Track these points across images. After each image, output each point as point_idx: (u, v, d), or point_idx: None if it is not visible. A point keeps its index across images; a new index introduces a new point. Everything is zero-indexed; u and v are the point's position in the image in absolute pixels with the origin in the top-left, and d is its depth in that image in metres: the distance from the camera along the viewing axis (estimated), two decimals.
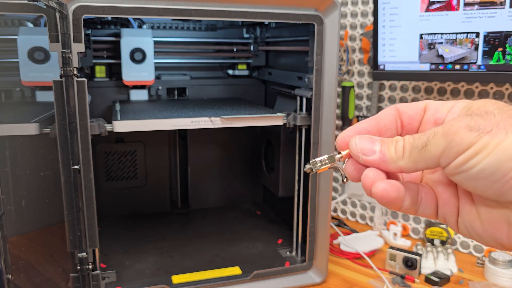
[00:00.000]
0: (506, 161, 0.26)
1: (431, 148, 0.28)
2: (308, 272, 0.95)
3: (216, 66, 1.29)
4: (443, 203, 0.32)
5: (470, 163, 0.27)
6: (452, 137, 0.27)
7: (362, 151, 0.32)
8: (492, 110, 0.28)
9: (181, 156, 1.28)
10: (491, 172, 0.26)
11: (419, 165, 0.29)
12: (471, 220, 0.30)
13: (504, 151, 0.26)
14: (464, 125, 0.27)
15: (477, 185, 0.27)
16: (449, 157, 0.27)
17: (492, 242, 0.29)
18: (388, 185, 0.30)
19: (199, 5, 0.76)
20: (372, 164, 0.31)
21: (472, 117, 0.28)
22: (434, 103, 0.34)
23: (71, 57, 0.70)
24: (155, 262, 0.97)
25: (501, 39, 0.91)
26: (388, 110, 0.34)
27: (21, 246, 1.00)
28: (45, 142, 0.83)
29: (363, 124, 0.34)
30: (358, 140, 0.32)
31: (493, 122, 0.27)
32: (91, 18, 1.09)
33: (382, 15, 1.03)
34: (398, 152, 0.30)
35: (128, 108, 1.00)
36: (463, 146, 0.27)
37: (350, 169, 0.33)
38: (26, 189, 1.05)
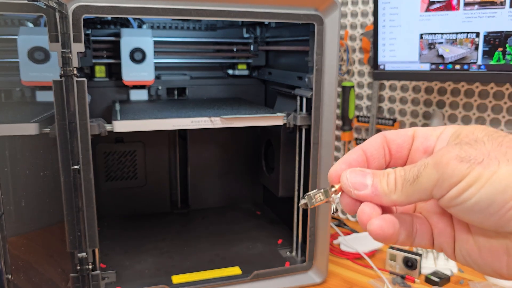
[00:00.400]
0: (501, 193, 0.25)
1: (423, 181, 0.28)
2: (308, 272, 0.95)
3: (216, 66, 1.29)
4: (438, 232, 0.32)
5: (464, 196, 0.26)
6: (444, 168, 0.27)
7: (353, 185, 0.31)
8: (481, 137, 0.28)
9: (181, 156, 1.28)
10: (487, 204, 0.26)
11: (412, 198, 0.29)
12: (468, 249, 0.30)
13: (499, 183, 0.25)
14: (455, 156, 0.27)
15: (474, 217, 0.27)
16: (442, 189, 0.27)
17: (491, 271, 0.29)
18: (383, 222, 0.30)
19: (199, 5, 0.76)
20: (365, 199, 0.31)
21: (461, 147, 0.27)
22: (422, 130, 0.33)
23: (71, 57, 0.70)
24: (155, 262, 0.97)
25: (501, 39, 0.91)
26: (375, 138, 0.34)
27: (20, 246, 1.00)
28: (45, 142, 0.83)
29: (353, 155, 0.33)
30: (349, 174, 0.32)
31: (483, 151, 0.26)
32: (91, 18, 1.09)
33: (382, 15, 1.03)
34: (390, 185, 0.30)
35: (128, 108, 0.99)
36: (456, 178, 0.26)
37: (344, 203, 0.33)
38: (26, 189, 1.05)
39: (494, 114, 1.08)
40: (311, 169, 0.90)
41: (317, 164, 0.89)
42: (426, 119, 1.20)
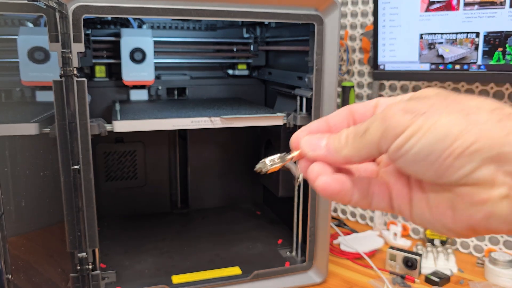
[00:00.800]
0: (440, 141, 0.26)
1: (371, 133, 0.29)
2: (308, 272, 0.95)
3: (216, 66, 1.29)
4: (396, 194, 0.32)
5: (406, 146, 0.27)
6: (389, 120, 0.27)
7: (309, 146, 0.33)
8: (430, 95, 0.29)
9: (181, 156, 1.28)
10: (427, 153, 0.26)
11: (362, 152, 0.30)
12: (422, 208, 0.30)
13: (438, 132, 0.26)
14: (400, 108, 0.27)
15: (416, 168, 0.28)
16: (387, 140, 0.28)
17: (441, 228, 0.30)
18: (330, 178, 0.31)
19: (199, 5, 0.76)
20: (319, 158, 0.32)
21: (409, 102, 0.28)
22: (384, 99, 0.34)
23: (71, 57, 0.70)
24: (155, 262, 0.97)
25: (501, 39, 0.91)
26: (340, 110, 0.35)
27: (20, 246, 1.00)
28: (45, 142, 0.83)
29: (314, 123, 0.35)
30: (308, 137, 0.33)
31: (427, 104, 0.27)
32: (91, 18, 1.09)
33: (382, 15, 1.03)
34: (342, 141, 0.31)
35: (128, 108, 0.99)
36: (399, 128, 0.27)
37: (302, 168, 0.34)
38: (26, 189, 1.05)
39: None
40: None
41: None
42: None
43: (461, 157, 0.25)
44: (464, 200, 0.27)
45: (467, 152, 0.25)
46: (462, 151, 0.25)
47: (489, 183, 0.26)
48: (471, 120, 0.26)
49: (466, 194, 0.27)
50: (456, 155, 0.26)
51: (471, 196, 0.26)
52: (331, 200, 0.32)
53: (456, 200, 0.28)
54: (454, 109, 0.27)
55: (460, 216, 0.28)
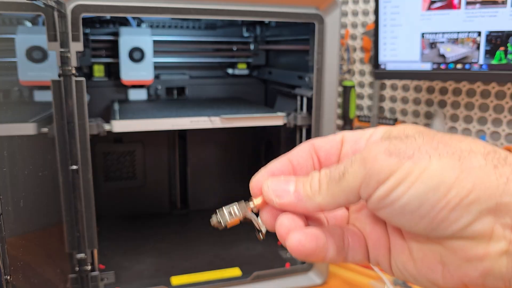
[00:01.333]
0: (433, 191, 0.23)
1: (349, 178, 0.25)
2: (309, 273, 0.94)
3: (215, 66, 1.28)
4: (372, 244, 0.29)
5: (393, 195, 0.24)
6: (371, 164, 0.24)
7: (275, 193, 0.28)
8: (412, 134, 0.26)
9: (180, 156, 1.27)
10: (418, 205, 0.23)
11: (339, 199, 0.26)
12: (403, 261, 0.27)
13: (430, 180, 0.23)
14: (383, 150, 0.24)
15: (404, 220, 0.24)
16: (369, 187, 0.24)
17: (428, 284, 0.26)
18: (303, 236, 0.27)
19: (199, 4, 0.76)
20: (288, 207, 0.28)
21: (391, 141, 0.25)
22: (351, 134, 0.31)
23: (70, 57, 0.69)
24: (154, 263, 0.97)
25: (503, 38, 0.90)
26: (302, 146, 0.31)
27: (19, 247, 0.99)
28: (43, 142, 0.82)
29: (276, 164, 0.31)
30: (271, 182, 0.29)
31: (414, 146, 0.24)
32: (89, 17, 1.08)
33: (383, 14, 1.02)
34: (314, 187, 0.27)
35: (127, 108, 0.99)
36: (383, 174, 0.24)
37: (266, 217, 0.30)
38: (24, 189, 1.04)
39: (496, 113, 1.07)
40: None
41: None
42: (427, 119, 1.19)
43: (457, 209, 0.23)
44: (457, 255, 0.24)
45: (463, 203, 0.22)
46: (458, 202, 0.23)
47: (487, 237, 0.23)
48: (465, 165, 0.23)
49: (460, 249, 0.24)
50: (451, 206, 0.23)
51: (466, 251, 0.24)
52: (305, 260, 0.28)
53: (448, 255, 0.25)
54: (444, 152, 0.24)
55: (452, 272, 0.25)
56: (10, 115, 0.85)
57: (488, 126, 1.08)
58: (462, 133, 1.12)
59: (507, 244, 0.23)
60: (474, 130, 1.10)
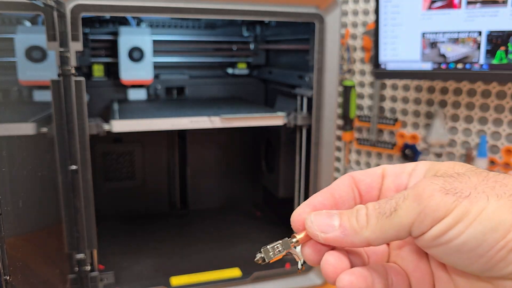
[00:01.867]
0: (491, 231, 0.23)
1: (401, 214, 0.25)
2: (309, 274, 0.94)
3: (215, 65, 1.28)
4: (416, 282, 0.29)
5: (450, 234, 0.23)
6: (427, 201, 0.24)
7: (319, 228, 0.28)
8: (463, 172, 0.25)
9: (180, 157, 1.27)
10: (476, 245, 0.23)
11: (388, 234, 0.26)
12: None
13: (489, 220, 0.23)
14: (439, 188, 0.24)
15: (458, 259, 0.24)
16: (423, 225, 0.24)
17: None
18: (354, 277, 0.27)
19: (198, 3, 0.75)
20: (334, 242, 0.28)
21: (445, 179, 0.24)
22: (392, 168, 0.30)
23: (69, 56, 0.69)
24: (154, 264, 0.96)
25: (504, 38, 0.90)
26: (342, 179, 0.31)
27: (18, 247, 0.99)
28: (42, 142, 0.82)
29: (318, 197, 0.30)
30: (314, 216, 0.28)
31: (469, 185, 0.24)
32: (89, 17, 1.08)
33: (383, 13, 1.02)
34: (361, 221, 0.27)
35: (126, 108, 0.99)
36: (440, 212, 0.23)
37: (308, 252, 0.29)
38: (24, 189, 1.04)
39: (497, 113, 1.07)
40: (311, 169, 0.89)
41: (317, 164, 0.88)
42: (428, 119, 1.19)
43: (506, 250, 0.23)
44: None
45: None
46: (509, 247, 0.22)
47: None
48: None
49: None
50: (510, 248, 0.23)
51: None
52: None
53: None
54: (502, 192, 0.23)
55: None
56: (9, 115, 0.84)
57: (488, 126, 1.08)
58: (462, 133, 1.12)
59: None
60: (475, 130, 1.10)
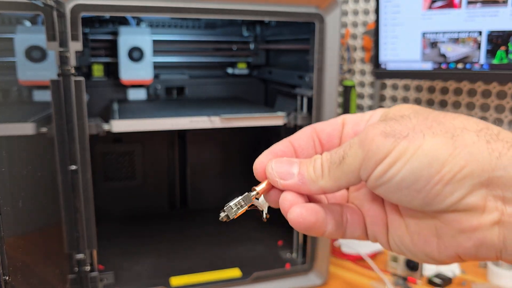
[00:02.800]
0: (426, 167, 0.24)
1: (349, 161, 0.26)
2: (309, 274, 0.94)
3: (215, 65, 1.27)
4: (370, 221, 0.30)
5: (390, 173, 0.25)
6: (369, 146, 0.25)
7: (279, 175, 0.30)
8: (408, 114, 0.27)
9: (180, 156, 1.27)
10: (413, 180, 0.24)
11: (341, 181, 0.27)
12: (400, 235, 0.28)
13: (424, 157, 0.24)
14: (380, 132, 0.25)
15: (401, 196, 0.26)
16: (368, 168, 0.26)
17: (424, 257, 0.28)
18: (304, 209, 0.28)
19: (198, 3, 0.75)
20: (292, 188, 0.29)
21: (387, 123, 0.26)
22: (351, 116, 0.32)
23: (69, 56, 0.69)
24: (154, 264, 0.96)
25: (504, 37, 0.90)
26: (304, 130, 0.32)
27: (18, 247, 0.99)
28: (42, 142, 0.82)
29: (279, 145, 0.32)
30: (275, 164, 0.31)
31: (409, 126, 0.25)
32: (89, 17, 1.08)
33: (384, 13, 1.02)
34: (317, 171, 0.28)
35: (126, 108, 0.98)
36: (381, 154, 0.25)
37: (272, 198, 0.31)
38: (23, 190, 1.04)
39: (497, 113, 1.07)
40: None
41: None
42: None
43: (450, 183, 0.24)
44: (452, 227, 0.25)
45: (457, 178, 0.24)
46: (452, 177, 0.24)
47: (480, 209, 0.24)
48: (458, 142, 0.24)
49: (454, 221, 0.25)
50: (445, 181, 0.24)
51: (460, 222, 0.25)
52: (305, 233, 0.29)
53: (443, 228, 0.26)
54: (438, 130, 0.25)
55: (446, 244, 0.26)
56: (9, 115, 0.84)
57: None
58: None
59: (498, 215, 0.24)
60: None
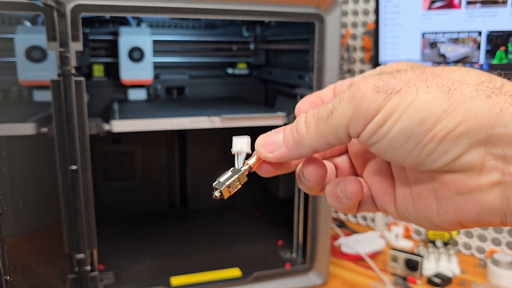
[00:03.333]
0: (418, 125, 0.22)
1: (337, 116, 0.24)
2: (309, 274, 0.94)
3: (215, 65, 1.28)
4: (376, 194, 0.29)
5: (381, 132, 0.23)
6: (359, 101, 0.23)
7: (267, 149, 0.28)
8: (404, 68, 0.25)
9: (180, 157, 1.27)
10: (405, 138, 0.23)
11: (329, 138, 0.26)
12: (406, 202, 0.27)
13: (416, 114, 0.22)
14: (371, 87, 0.23)
15: (393, 155, 0.24)
16: (358, 125, 0.24)
17: (426, 222, 0.26)
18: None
19: (198, 4, 0.75)
20: (282, 158, 0.28)
21: (381, 77, 0.24)
22: (370, 72, 0.30)
23: (69, 56, 0.69)
24: (154, 264, 0.96)
25: (504, 38, 0.90)
26: (328, 87, 0.32)
27: (18, 247, 0.99)
28: (42, 142, 0.82)
29: (312, 96, 0.32)
30: (261, 139, 0.29)
31: (403, 79, 0.23)
32: (89, 17, 1.08)
33: (383, 13, 1.02)
34: (300, 130, 0.26)
35: (126, 108, 0.98)
36: (371, 111, 0.23)
37: (264, 170, 0.30)
38: (24, 189, 1.04)
39: None
40: None
41: None
42: None
43: (444, 141, 0.22)
44: (449, 188, 0.24)
45: (451, 136, 0.22)
46: (446, 135, 0.22)
47: (478, 169, 0.22)
48: (455, 96, 0.22)
49: (451, 182, 0.24)
50: (438, 139, 0.22)
51: (457, 184, 0.23)
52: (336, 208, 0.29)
53: (441, 189, 0.24)
54: (434, 84, 0.23)
55: (445, 207, 0.25)
56: (9, 115, 0.84)
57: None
58: None
59: (499, 175, 0.22)
60: None
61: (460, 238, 1.10)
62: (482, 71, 0.24)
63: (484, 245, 1.07)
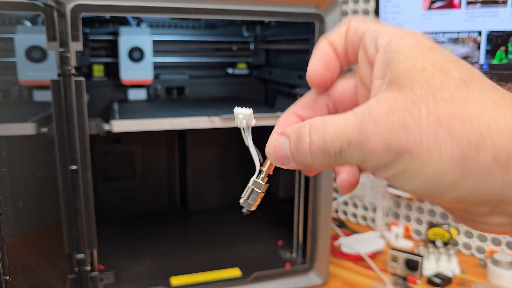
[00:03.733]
0: (428, 190, 0.23)
1: (346, 158, 0.25)
2: (309, 274, 0.94)
3: (215, 65, 1.28)
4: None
5: (390, 181, 0.24)
6: (369, 154, 0.23)
7: (279, 161, 0.28)
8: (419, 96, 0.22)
9: (180, 157, 1.27)
10: (413, 193, 0.24)
11: (335, 166, 0.28)
12: None
13: (426, 181, 0.22)
14: (383, 143, 0.23)
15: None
16: (366, 167, 0.25)
17: None
18: None
19: (198, 4, 0.75)
20: (295, 168, 0.28)
21: (392, 130, 0.23)
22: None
23: (69, 56, 0.69)
24: (154, 264, 0.96)
25: (504, 38, 0.90)
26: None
27: (18, 247, 0.99)
28: (42, 142, 0.82)
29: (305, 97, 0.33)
30: (270, 149, 0.29)
31: (415, 134, 0.22)
32: (89, 17, 1.08)
33: (383, 14, 1.02)
34: (307, 159, 0.26)
35: (126, 108, 0.98)
36: (380, 165, 0.24)
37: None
38: (24, 189, 1.04)
39: None
40: None
41: None
42: None
43: (452, 203, 0.23)
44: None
45: (458, 200, 0.22)
46: (454, 201, 0.23)
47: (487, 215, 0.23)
48: (468, 166, 0.21)
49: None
50: (446, 205, 0.24)
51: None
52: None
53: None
54: (448, 146, 0.21)
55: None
56: (9, 115, 0.84)
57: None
58: None
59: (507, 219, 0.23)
60: None
61: (460, 238, 1.10)
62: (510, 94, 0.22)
63: (484, 245, 1.07)
